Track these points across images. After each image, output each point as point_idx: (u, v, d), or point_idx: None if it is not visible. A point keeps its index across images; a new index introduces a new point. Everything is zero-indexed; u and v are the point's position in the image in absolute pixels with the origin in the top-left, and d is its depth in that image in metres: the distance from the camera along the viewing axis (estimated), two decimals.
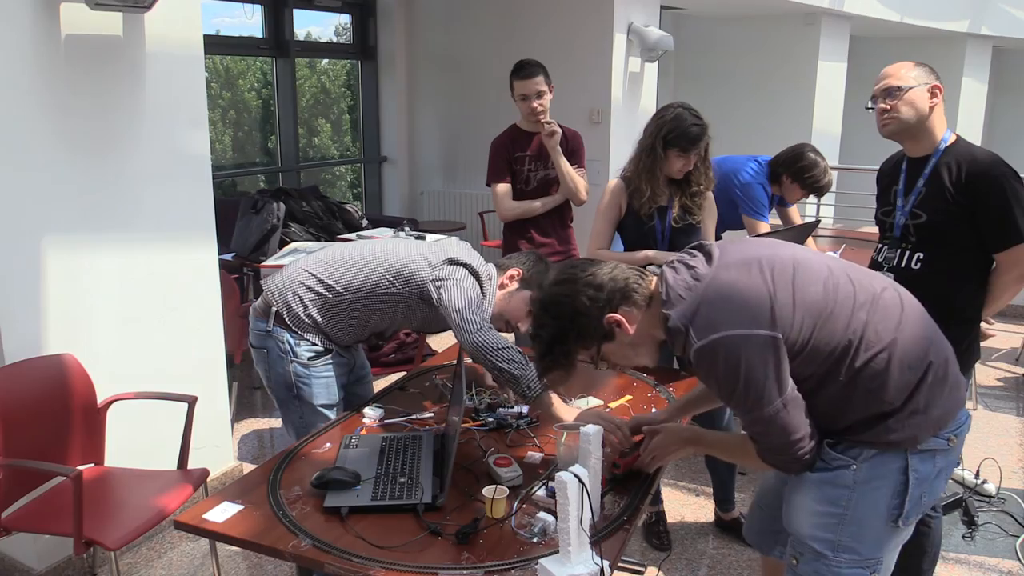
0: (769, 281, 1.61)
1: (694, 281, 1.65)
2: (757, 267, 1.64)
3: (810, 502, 1.71)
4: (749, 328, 1.57)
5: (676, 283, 1.66)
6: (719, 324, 1.58)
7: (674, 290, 1.65)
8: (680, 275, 1.67)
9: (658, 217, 2.85)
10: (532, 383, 2.12)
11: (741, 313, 1.58)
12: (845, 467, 1.67)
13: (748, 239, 1.86)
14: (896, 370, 1.62)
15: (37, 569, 2.78)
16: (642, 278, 1.75)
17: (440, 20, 7.04)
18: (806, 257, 1.71)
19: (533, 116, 3.49)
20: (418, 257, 2.38)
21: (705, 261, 1.69)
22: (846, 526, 1.68)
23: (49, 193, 2.65)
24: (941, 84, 2.37)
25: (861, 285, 1.68)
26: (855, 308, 1.63)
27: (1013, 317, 5.74)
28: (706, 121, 2.80)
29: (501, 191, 3.56)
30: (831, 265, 1.71)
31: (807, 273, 1.65)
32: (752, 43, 8.54)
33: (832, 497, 1.68)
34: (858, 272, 1.73)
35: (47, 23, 2.58)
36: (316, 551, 1.67)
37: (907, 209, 2.42)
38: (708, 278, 1.64)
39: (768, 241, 1.79)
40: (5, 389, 2.44)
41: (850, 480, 1.67)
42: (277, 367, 2.41)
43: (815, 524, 1.71)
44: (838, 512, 1.68)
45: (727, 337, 1.57)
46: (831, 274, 1.67)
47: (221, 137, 7.01)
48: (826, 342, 1.61)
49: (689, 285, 1.64)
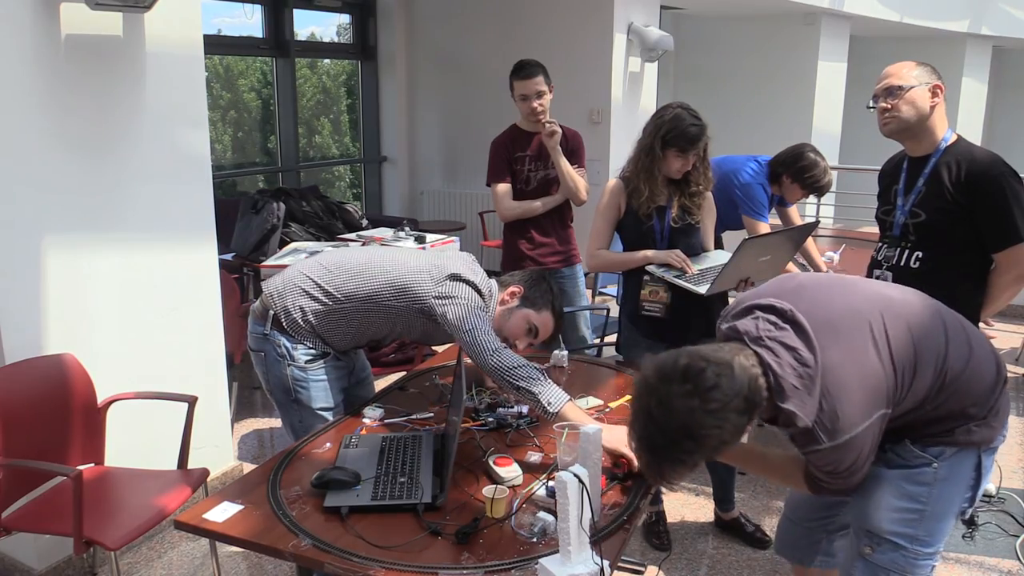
0: (877, 354, 1.60)
1: (803, 368, 1.56)
2: (860, 338, 1.60)
3: (890, 498, 1.75)
4: (871, 416, 1.59)
5: (785, 372, 1.56)
6: (847, 425, 1.57)
7: (786, 380, 1.56)
8: (782, 359, 1.58)
9: (657, 217, 2.85)
10: (552, 399, 2.08)
11: (864, 404, 1.58)
12: (926, 465, 1.72)
13: (809, 278, 1.79)
14: (976, 384, 1.69)
15: (37, 569, 2.78)
16: (757, 379, 1.57)
17: (440, 20, 7.04)
18: (887, 303, 1.68)
19: (533, 116, 3.49)
20: (420, 271, 2.33)
21: (796, 335, 1.60)
22: (925, 521, 1.73)
23: (49, 193, 2.65)
24: (943, 84, 2.37)
25: (932, 318, 1.70)
26: (937, 345, 1.67)
27: (1013, 317, 5.74)
28: (705, 121, 2.79)
29: (501, 191, 3.56)
30: (909, 299, 1.72)
31: (895, 322, 1.64)
32: (752, 43, 8.54)
33: (913, 493, 1.73)
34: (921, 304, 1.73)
35: (47, 23, 2.58)
36: (316, 551, 1.67)
37: (907, 208, 2.42)
38: (818, 366, 1.56)
39: (839, 286, 1.73)
40: (5, 389, 2.44)
41: (931, 477, 1.72)
42: (275, 370, 2.40)
43: (895, 519, 1.74)
44: (918, 508, 1.73)
45: (856, 436, 1.58)
46: (910, 310, 1.68)
47: (221, 137, 7.01)
48: (920, 386, 1.66)
49: (799, 373, 1.56)
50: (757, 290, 1.79)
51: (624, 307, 3.03)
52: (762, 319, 1.65)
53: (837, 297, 1.69)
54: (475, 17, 6.77)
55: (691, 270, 2.78)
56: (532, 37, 6.29)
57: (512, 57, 3.67)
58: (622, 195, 2.88)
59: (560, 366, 2.76)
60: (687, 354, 1.56)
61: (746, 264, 2.71)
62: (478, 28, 6.77)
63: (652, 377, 1.55)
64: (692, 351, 1.57)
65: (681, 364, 1.53)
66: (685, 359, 1.54)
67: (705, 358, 1.54)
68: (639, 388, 1.58)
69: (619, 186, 2.89)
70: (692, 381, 1.50)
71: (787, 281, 1.78)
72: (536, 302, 2.37)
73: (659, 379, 1.54)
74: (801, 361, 1.57)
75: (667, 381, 1.52)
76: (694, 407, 1.49)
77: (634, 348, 2.97)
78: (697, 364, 1.52)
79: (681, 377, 1.51)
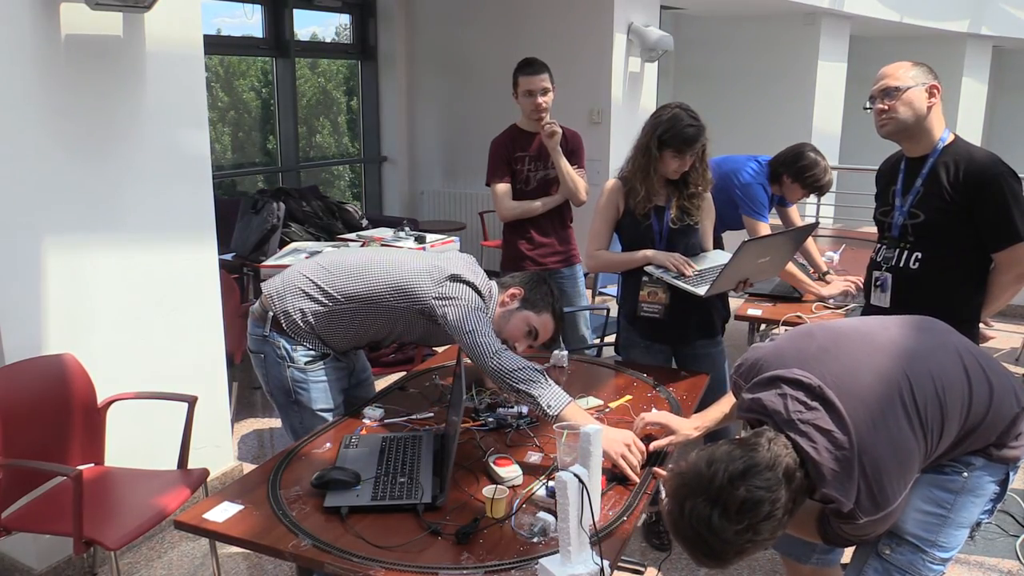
0: (910, 426, 1.59)
1: (839, 451, 1.54)
2: (892, 412, 1.59)
3: (917, 500, 1.75)
4: (907, 487, 1.61)
5: (823, 457, 1.54)
6: (886, 502, 1.57)
7: (825, 467, 1.54)
8: (819, 444, 1.54)
9: (655, 217, 2.85)
10: (553, 401, 2.08)
11: (900, 478, 1.59)
12: (956, 473, 1.74)
13: (827, 336, 1.75)
14: (999, 422, 1.71)
15: (37, 569, 2.78)
16: (796, 472, 1.54)
17: (440, 20, 7.04)
18: (911, 360, 1.66)
19: (536, 113, 3.49)
20: (420, 272, 2.33)
21: (829, 415, 1.57)
22: (946, 527, 1.74)
23: (49, 193, 2.65)
24: (939, 84, 2.36)
25: (954, 366, 1.70)
26: (962, 396, 1.67)
27: (1013, 317, 5.74)
28: (704, 122, 2.77)
29: (501, 191, 3.56)
30: (930, 346, 1.72)
31: (921, 381, 1.63)
32: (752, 43, 8.55)
33: (938, 499, 1.74)
34: (942, 352, 1.72)
35: (47, 23, 2.58)
36: (316, 551, 1.67)
37: (905, 209, 2.42)
38: (854, 449, 1.55)
39: (861, 344, 1.71)
40: (5, 389, 2.44)
41: (959, 486, 1.74)
42: (275, 372, 2.40)
43: (919, 522, 1.75)
44: (942, 513, 1.74)
45: (895, 509, 1.60)
46: (934, 363, 1.67)
47: (221, 137, 7.01)
48: (946, 441, 1.67)
49: (836, 456, 1.54)
50: (777, 350, 1.73)
51: (623, 308, 3.03)
52: (790, 398, 1.60)
53: (864, 362, 1.64)
54: (475, 17, 6.77)
55: (689, 272, 2.77)
56: (532, 37, 6.29)
57: (512, 57, 3.67)
58: (620, 195, 2.88)
59: (560, 366, 2.76)
60: (740, 478, 1.47)
61: (745, 265, 2.71)
62: (478, 28, 6.77)
63: (703, 509, 1.47)
64: (737, 467, 1.48)
65: (738, 498, 1.45)
66: (743, 492, 1.45)
67: (756, 475, 1.47)
68: (688, 514, 1.48)
69: (617, 186, 2.89)
70: (748, 517, 1.46)
71: (806, 342, 1.73)
72: (536, 304, 2.37)
73: (713, 512, 1.46)
74: (837, 444, 1.55)
75: (724, 517, 1.45)
76: (750, 539, 1.47)
77: (632, 348, 2.97)
78: (754, 495, 1.46)
79: (737, 515, 1.45)
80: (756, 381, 1.69)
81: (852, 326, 1.80)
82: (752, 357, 1.77)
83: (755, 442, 1.54)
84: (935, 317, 1.84)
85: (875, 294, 2.50)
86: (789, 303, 3.54)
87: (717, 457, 1.50)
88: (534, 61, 3.50)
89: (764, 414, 1.62)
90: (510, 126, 3.64)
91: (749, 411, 1.67)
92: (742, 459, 1.49)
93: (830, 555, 2.09)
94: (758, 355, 1.76)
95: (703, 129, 2.76)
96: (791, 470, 1.52)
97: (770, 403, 1.62)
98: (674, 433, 2.10)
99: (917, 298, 2.36)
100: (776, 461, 1.50)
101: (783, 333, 1.83)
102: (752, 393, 1.68)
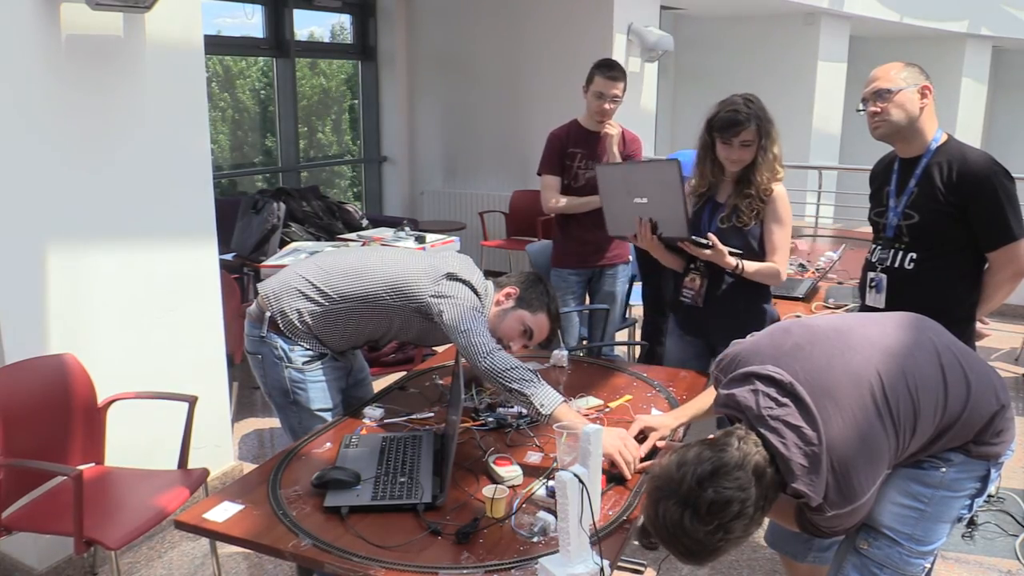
0: (880, 422, 1.61)
1: (808, 446, 1.57)
2: (862, 408, 1.60)
3: (894, 493, 1.76)
4: (876, 483, 1.63)
5: (792, 453, 1.57)
6: (854, 496, 1.60)
7: (794, 462, 1.57)
8: (788, 439, 1.58)
9: (708, 210, 2.75)
10: (545, 400, 2.07)
11: (869, 473, 1.61)
12: (934, 468, 1.74)
13: (803, 333, 1.75)
14: (976, 421, 1.72)
15: (37, 569, 2.78)
16: (766, 469, 1.57)
17: (440, 20, 7.04)
18: (885, 358, 1.67)
19: (600, 116, 3.50)
20: (417, 271, 2.33)
21: (798, 411, 1.59)
22: (924, 522, 1.75)
23: (49, 193, 2.65)
24: (931, 84, 2.35)
25: (930, 365, 1.71)
26: (936, 395, 1.68)
27: (1012, 317, 5.74)
28: (760, 112, 2.58)
29: (548, 183, 3.58)
30: (905, 343, 1.72)
31: (894, 381, 1.64)
32: (752, 43, 8.55)
33: (916, 493, 1.75)
34: (918, 350, 1.73)
35: (47, 23, 2.58)
36: (316, 551, 1.68)
37: (899, 210, 2.42)
38: (822, 444, 1.57)
39: (836, 342, 1.71)
40: (5, 389, 2.44)
41: (937, 480, 1.74)
42: (273, 373, 2.40)
43: (896, 515, 1.76)
44: (919, 508, 1.75)
45: (864, 503, 1.62)
46: (909, 362, 1.68)
47: (221, 137, 7.01)
48: (919, 440, 1.68)
49: (805, 452, 1.57)
50: (755, 346, 1.77)
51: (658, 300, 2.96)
52: (762, 394, 1.64)
53: (837, 359, 1.67)
54: (475, 17, 6.77)
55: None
56: (532, 37, 6.29)
57: (512, 57, 3.67)
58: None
59: (560, 366, 2.76)
60: (708, 479, 1.50)
61: (618, 199, 2.73)
62: (478, 28, 6.77)
63: (674, 511, 1.50)
64: (705, 468, 1.51)
65: (706, 500, 1.48)
66: (711, 493, 1.48)
67: (725, 476, 1.50)
68: (661, 516, 1.52)
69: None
70: (718, 517, 1.49)
71: (783, 338, 1.76)
72: (532, 304, 2.36)
73: (684, 514, 1.49)
74: (806, 440, 1.57)
75: (695, 518, 1.49)
76: (723, 538, 1.51)
77: (669, 336, 2.96)
78: (722, 495, 1.48)
79: (707, 516, 1.49)
80: (732, 376, 1.73)
81: (830, 323, 1.83)
82: (731, 352, 1.81)
83: (725, 442, 1.57)
84: (930, 317, 1.85)
85: (870, 295, 2.50)
86: (789, 303, 3.54)
87: (687, 459, 1.53)
88: (615, 65, 3.48)
89: (737, 409, 1.66)
90: (570, 120, 3.64)
91: (725, 406, 1.72)
92: (711, 460, 1.52)
93: (826, 552, 2.10)
94: (737, 350, 1.79)
95: (751, 117, 2.56)
96: (761, 467, 1.54)
97: (743, 399, 1.65)
98: (656, 430, 2.10)
99: (913, 298, 2.36)
100: (745, 460, 1.53)
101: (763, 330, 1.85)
102: (727, 389, 1.71)
